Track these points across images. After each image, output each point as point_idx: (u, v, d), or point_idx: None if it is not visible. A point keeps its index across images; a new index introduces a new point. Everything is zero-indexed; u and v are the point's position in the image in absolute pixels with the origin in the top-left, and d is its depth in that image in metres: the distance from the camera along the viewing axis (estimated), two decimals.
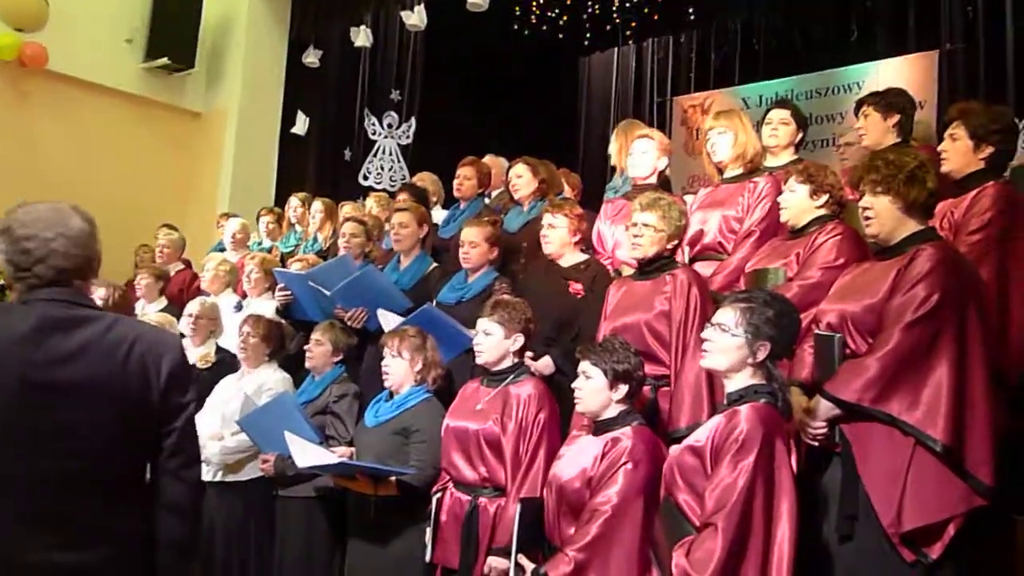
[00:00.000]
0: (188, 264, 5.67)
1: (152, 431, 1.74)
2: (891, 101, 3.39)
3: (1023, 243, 2.65)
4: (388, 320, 3.47)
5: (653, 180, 3.59)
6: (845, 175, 3.02)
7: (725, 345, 2.17)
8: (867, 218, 2.39)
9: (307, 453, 3.01)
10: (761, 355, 2.16)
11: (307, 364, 3.62)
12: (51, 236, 1.67)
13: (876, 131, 3.35)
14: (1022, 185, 3.23)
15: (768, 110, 3.66)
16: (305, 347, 3.62)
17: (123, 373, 1.68)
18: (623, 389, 2.45)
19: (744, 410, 2.08)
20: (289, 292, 3.96)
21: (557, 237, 3.40)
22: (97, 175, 6.82)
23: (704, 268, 3.27)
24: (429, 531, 2.84)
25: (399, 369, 3.10)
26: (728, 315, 2.19)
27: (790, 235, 2.93)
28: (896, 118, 3.35)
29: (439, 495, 2.88)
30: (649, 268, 2.91)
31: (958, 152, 2.86)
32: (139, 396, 1.70)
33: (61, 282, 1.69)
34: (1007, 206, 2.66)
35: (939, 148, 2.95)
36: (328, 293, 3.65)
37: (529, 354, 3.00)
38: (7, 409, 1.61)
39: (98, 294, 4.78)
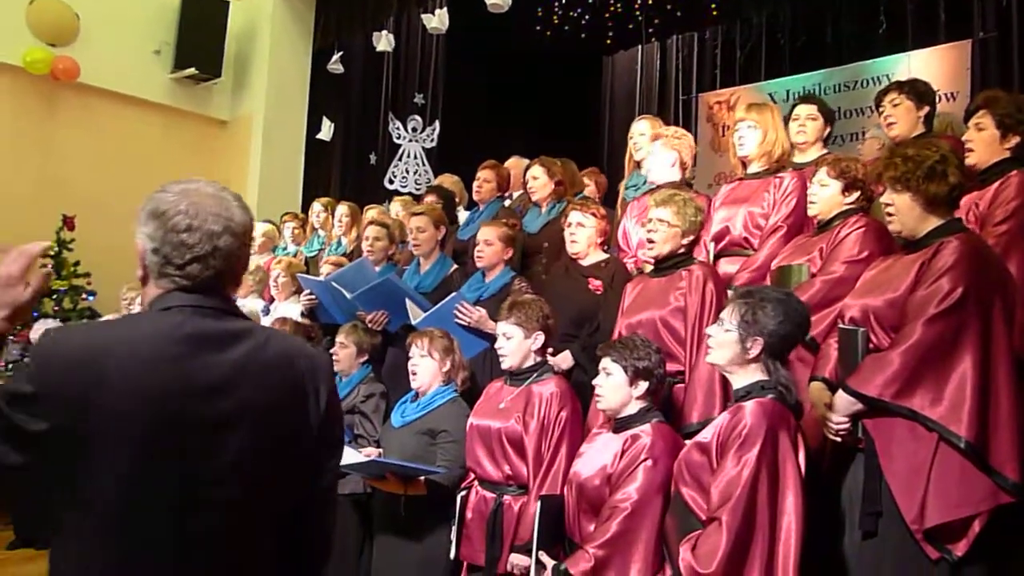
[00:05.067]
0: None
1: (305, 472, 1.37)
2: (922, 91, 3.30)
3: None
4: (415, 312, 3.50)
5: (676, 178, 3.55)
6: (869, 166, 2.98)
7: (722, 340, 2.20)
8: (889, 215, 2.35)
9: None
10: (754, 351, 2.16)
11: (334, 366, 3.66)
12: (218, 230, 1.30)
13: (908, 120, 3.26)
14: None
15: (794, 106, 3.60)
16: (331, 350, 3.67)
17: (287, 399, 1.33)
18: (643, 386, 2.45)
19: (749, 405, 2.09)
20: (314, 296, 4.02)
21: (585, 236, 3.36)
22: (127, 184, 6.95)
23: (730, 264, 3.25)
24: (454, 528, 2.86)
25: (428, 369, 3.12)
26: (727, 311, 2.22)
27: (816, 231, 2.90)
28: (926, 110, 3.29)
29: (464, 493, 2.90)
30: (665, 265, 2.91)
31: (984, 142, 2.80)
32: (301, 427, 1.35)
33: (213, 288, 1.32)
34: None
35: (964, 138, 2.89)
36: (349, 296, 3.69)
37: (549, 350, 3.01)
38: (152, 452, 1.21)
39: (139, 300, 4.87)
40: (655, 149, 3.57)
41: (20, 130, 6.55)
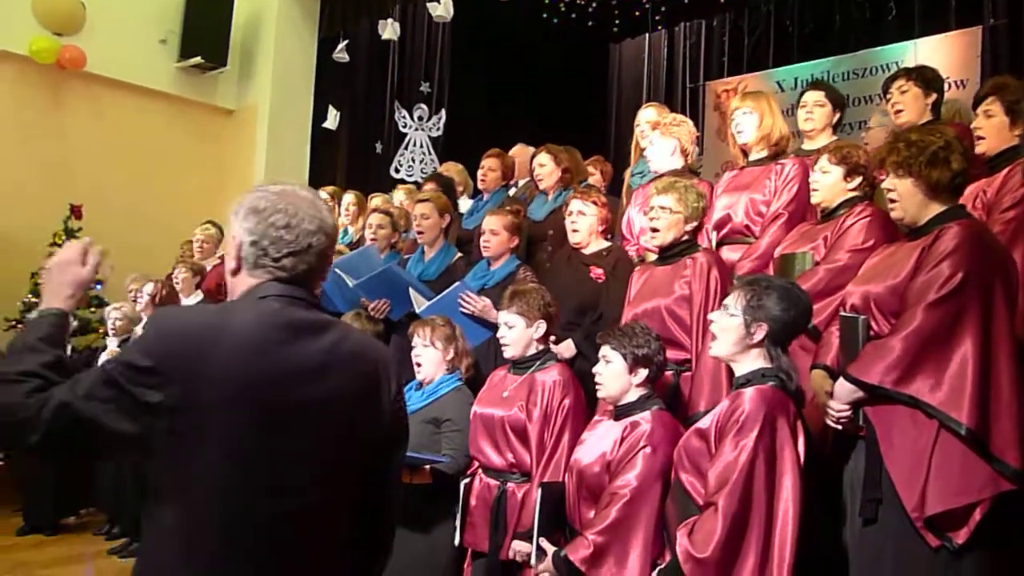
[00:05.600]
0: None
1: (379, 460, 1.45)
2: (930, 78, 3.28)
3: None
4: (419, 301, 3.50)
5: (678, 166, 3.54)
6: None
7: (726, 326, 2.20)
8: (891, 200, 2.33)
9: None
10: (758, 335, 2.16)
11: None
12: (313, 229, 1.39)
13: (916, 107, 3.24)
14: None
15: (802, 93, 3.57)
16: None
17: (367, 387, 1.41)
18: (643, 373, 2.45)
19: (748, 392, 2.09)
20: None
21: (586, 225, 3.36)
22: (133, 173, 7.01)
23: (732, 252, 3.23)
24: (458, 516, 2.88)
25: (431, 358, 3.13)
26: (731, 297, 2.22)
27: (820, 219, 2.88)
28: (934, 97, 3.26)
29: (468, 480, 2.91)
30: (669, 253, 2.90)
31: (994, 129, 2.78)
32: (377, 415, 1.42)
33: (303, 281, 1.41)
34: None
35: (973, 126, 2.86)
36: (352, 284, 3.70)
37: (551, 338, 3.01)
38: (253, 432, 1.27)
39: (146, 289, 4.92)
40: (654, 138, 3.57)
41: (26, 119, 6.57)
